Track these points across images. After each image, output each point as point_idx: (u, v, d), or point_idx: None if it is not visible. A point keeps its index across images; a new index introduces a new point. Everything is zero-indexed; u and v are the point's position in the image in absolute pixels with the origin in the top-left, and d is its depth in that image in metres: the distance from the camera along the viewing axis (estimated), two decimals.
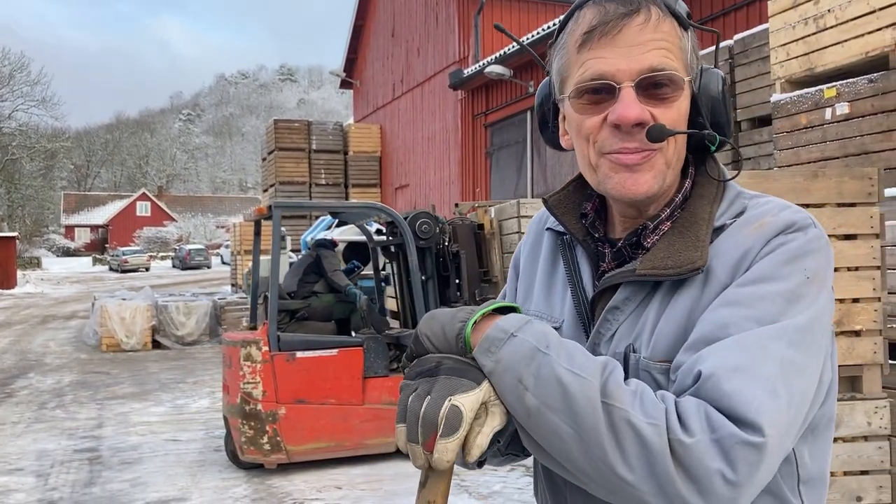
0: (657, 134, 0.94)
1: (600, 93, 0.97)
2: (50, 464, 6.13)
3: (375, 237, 6.99)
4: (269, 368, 5.51)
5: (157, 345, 13.30)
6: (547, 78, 1.09)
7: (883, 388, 3.18)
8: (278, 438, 5.50)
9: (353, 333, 6.67)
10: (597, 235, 1.07)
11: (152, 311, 13.31)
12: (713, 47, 1.12)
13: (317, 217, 20.40)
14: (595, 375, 0.86)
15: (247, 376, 5.51)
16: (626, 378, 0.89)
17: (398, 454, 6.05)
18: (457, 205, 9.15)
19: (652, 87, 0.96)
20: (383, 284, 7.20)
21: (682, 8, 0.98)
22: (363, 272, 8.29)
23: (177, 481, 5.54)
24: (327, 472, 5.67)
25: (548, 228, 1.15)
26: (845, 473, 3.07)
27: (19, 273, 31.71)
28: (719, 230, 0.98)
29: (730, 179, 1.04)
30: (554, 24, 12.47)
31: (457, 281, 6.29)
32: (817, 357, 0.91)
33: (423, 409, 0.88)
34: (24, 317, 19.47)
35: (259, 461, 5.59)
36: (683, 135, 0.99)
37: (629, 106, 0.95)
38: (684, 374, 0.88)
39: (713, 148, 1.02)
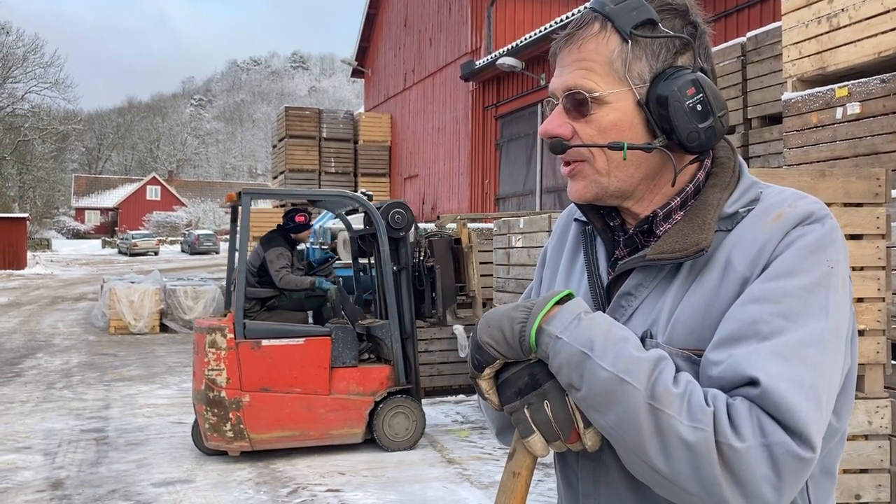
0: (552, 148, 1.04)
1: (554, 108, 1.07)
2: (57, 443, 6.20)
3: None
4: (233, 356, 5.48)
5: (164, 328, 13.40)
6: None
7: (885, 387, 3.20)
8: (241, 426, 5.47)
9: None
10: (612, 224, 1.12)
11: (160, 294, 13.40)
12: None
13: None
14: (641, 378, 0.88)
15: (211, 363, 5.47)
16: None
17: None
18: (438, 217, 9.03)
19: (573, 104, 1.04)
20: (361, 274, 6.95)
21: (633, 19, 1.01)
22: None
23: (182, 463, 5.60)
24: (331, 457, 5.72)
25: (575, 219, 1.20)
26: (845, 471, 3.09)
27: (29, 254, 31.93)
28: (732, 217, 1.01)
29: (731, 175, 1.06)
30: (566, 18, 12.42)
31: (433, 295, 6.13)
32: (841, 354, 0.95)
33: (550, 415, 0.95)
34: (33, 298, 19.61)
35: (222, 448, 5.58)
36: (595, 146, 1.03)
37: (547, 121, 1.05)
38: (727, 373, 0.90)
39: (651, 148, 1.02)
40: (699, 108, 1.00)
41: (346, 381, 5.76)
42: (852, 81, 4.79)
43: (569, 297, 0.99)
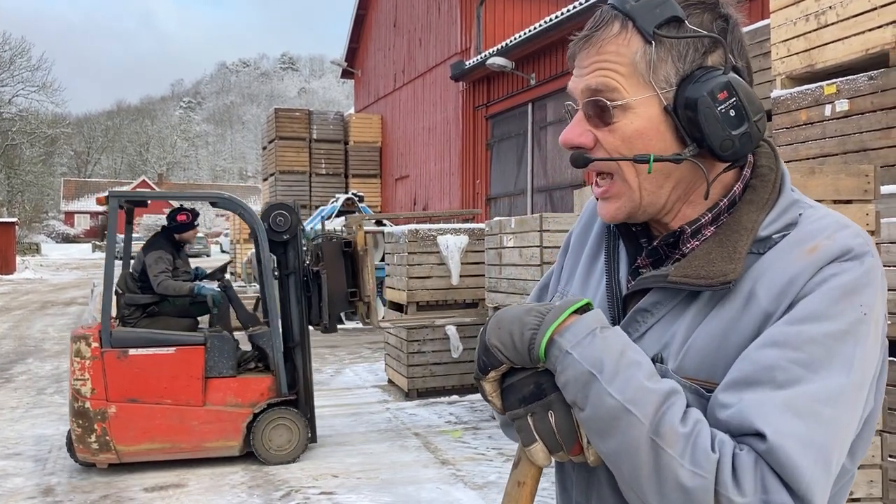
0: (574, 161, 0.98)
1: (573, 114, 1.01)
2: (48, 449, 6.16)
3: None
4: (98, 365, 5.30)
5: None
6: None
7: None
8: (107, 438, 5.30)
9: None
10: (634, 229, 1.06)
11: None
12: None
13: (316, 208, 20.37)
14: (647, 412, 0.84)
15: (76, 373, 5.31)
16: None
17: (390, 447, 6.08)
18: (346, 218, 8.72)
19: (594, 110, 0.96)
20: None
21: (657, 17, 0.94)
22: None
23: (174, 468, 5.57)
24: (324, 460, 5.70)
25: None
26: None
27: (18, 259, 31.72)
28: (765, 241, 0.93)
29: (769, 192, 0.97)
30: (556, 17, 12.44)
31: (320, 302, 5.85)
32: (860, 409, 0.89)
33: (554, 425, 0.92)
34: (22, 302, 19.48)
35: (90, 460, 5.42)
36: (621, 160, 0.97)
37: (567, 130, 0.99)
38: (735, 419, 0.85)
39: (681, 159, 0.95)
40: (732, 113, 0.92)
41: (223, 391, 5.52)
42: (840, 79, 4.81)
43: (587, 307, 0.93)
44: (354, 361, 10.22)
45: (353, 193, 14.64)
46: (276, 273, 5.76)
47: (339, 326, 6.35)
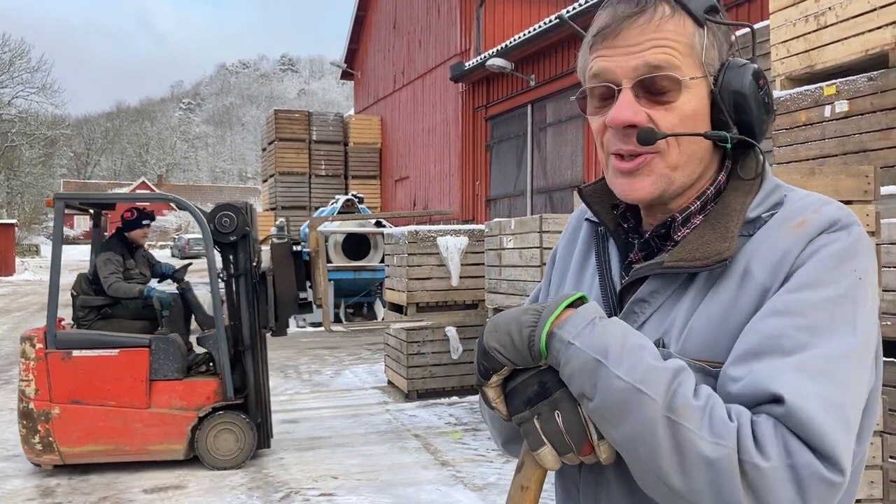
0: (645, 137, 0.95)
1: (604, 94, 0.99)
2: None
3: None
4: (42, 366, 5.35)
5: None
6: None
7: None
8: (50, 439, 5.33)
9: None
10: (626, 226, 1.07)
11: None
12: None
13: (316, 209, 20.32)
14: (659, 389, 0.83)
15: (22, 373, 5.36)
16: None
17: (390, 449, 6.08)
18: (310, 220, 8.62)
19: (650, 88, 0.96)
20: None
21: (703, 3, 0.97)
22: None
23: (174, 469, 5.56)
24: (323, 461, 5.70)
25: (586, 219, 1.15)
26: None
27: (18, 260, 31.71)
28: (754, 222, 0.95)
29: (755, 177, 1.00)
30: (555, 18, 12.44)
31: (267, 305, 5.75)
32: (869, 371, 0.89)
33: (561, 425, 0.89)
34: (22, 304, 19.47)
35: (35, 461, 5.47)
36: (694, 135, 0.98)
37: (620, 108, 0.96)
38: (748, 389, 0.84)
39: (728, 146, 0.99)
40: (766, 100, 0.98)
41: (168, 394, 5.49)
42: (840, 79, 4.81)
43: (581, 300, 0.93)
44: (354, 363, 10.22)
45: (352, 195, 14.62)
46: (222, 275, 5.72)
47: (335, 328, 6.26)
